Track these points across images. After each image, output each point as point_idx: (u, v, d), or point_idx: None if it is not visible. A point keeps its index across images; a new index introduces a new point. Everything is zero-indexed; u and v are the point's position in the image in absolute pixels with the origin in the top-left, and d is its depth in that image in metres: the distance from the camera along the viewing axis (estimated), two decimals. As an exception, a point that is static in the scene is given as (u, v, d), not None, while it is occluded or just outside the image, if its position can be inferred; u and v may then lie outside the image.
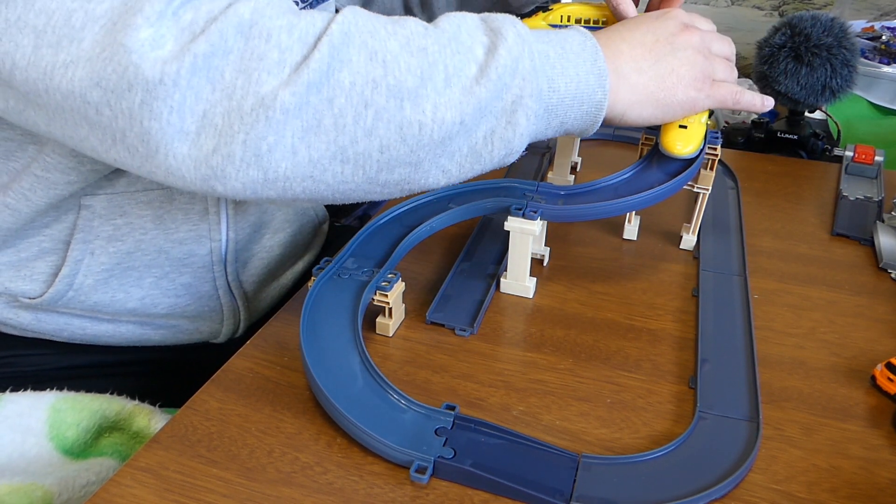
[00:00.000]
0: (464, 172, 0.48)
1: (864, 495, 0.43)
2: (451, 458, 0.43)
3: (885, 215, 0.73)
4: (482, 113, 0.45)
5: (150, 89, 0.38)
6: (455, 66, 0.44)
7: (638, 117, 0.53)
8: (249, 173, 0.41)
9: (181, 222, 0.62)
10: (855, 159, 0.83)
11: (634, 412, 0.49)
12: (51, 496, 0.50)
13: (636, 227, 0.69)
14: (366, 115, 0.42)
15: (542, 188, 0.61)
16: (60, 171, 0.53)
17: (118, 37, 0.37)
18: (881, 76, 1.41)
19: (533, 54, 0.47)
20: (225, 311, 0.69)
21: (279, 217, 0.72)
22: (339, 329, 0.51)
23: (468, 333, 0.56)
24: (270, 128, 0.40)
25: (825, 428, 0.48)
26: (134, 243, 0.60)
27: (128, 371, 0.69)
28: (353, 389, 0.47)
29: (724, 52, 0.59)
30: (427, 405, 0.46)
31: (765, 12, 2.24)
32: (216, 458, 0.44)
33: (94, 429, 0.54)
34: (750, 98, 0.58)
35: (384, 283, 0.54)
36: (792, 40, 0.97)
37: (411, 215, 0.62)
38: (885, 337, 0.57)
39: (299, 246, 0.77)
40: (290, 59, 0.40)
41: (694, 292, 0.61)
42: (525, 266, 0.59)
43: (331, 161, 0.42)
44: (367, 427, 0.44)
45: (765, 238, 0.70)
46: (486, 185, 0.63)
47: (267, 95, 0.39)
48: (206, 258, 0.65)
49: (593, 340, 0.56)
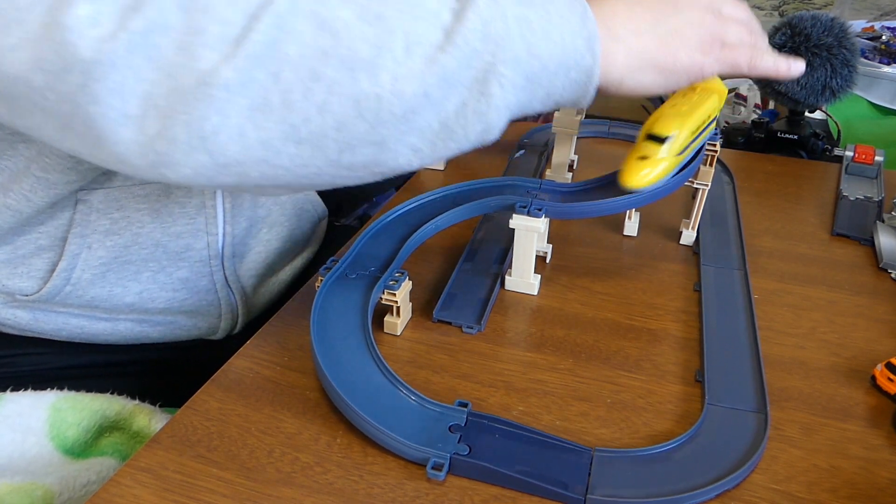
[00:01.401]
0: (437, 151, 0.43)
1: (864, 495, 0.43)
2: (466, 454, 0.43)
3: (885, 215, 0.73)
4: (449, 84, 0.40)
5: (87, 70, 0.35)
6: (417, 32, 0.40)
7: (638, 85, 0.49)
8: (197, 158, 0.38)
9: (178, 216, 0.62)
10: (855, 159, 0.83)
11: (634, 412, 0.49)
12: (51, 495, 0.50)
13: (636, 223, 0.70)
14: (316, 90, 0.38)
15: (545, 185, 0.61)
16: (59, 171, 0.53)
17: (57, 15, 0.35)
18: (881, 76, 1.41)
19: (507, 17, 0.42)
20: (223, 306, 0.69)
21: (276, 212, 0.72)
22: (349, 329, 0.51)
23: (475, 331, 0.56)
24: (213, 107, 0.37)
25: (825, 428, 0.48)
26: (131, 237, 0.60)
27: (127, 371, 0.69)
28: (367, 389, 0.47)
29: (738, 15, 0.53)
30: (440, 402, 0.46)
31: (765, 12, 2.24)
32: (216, 458, 0.44)
33: (95, 428, 0.54)
34: (772, 62, 0.53)
35: (392, 282, 0.54)
36: (792, 40, 0.97)
37: (415, 214, 0.62)
38: (885, 337, 0.57)
39: (298, 241, 0.77)
40: (231, 33, 0.36)
41: (696, 287, 0.61)
42: (530, 263, 0.59)
43: (283, 142, 0.39)
44: (383, 426, 0.44)
45: (765, 238, 0.70)
46: (490, 183, 0.63)
47: (207, 72, 0.36)
48: (203, 252, 0.65)
49: (593, 340, 0.56)
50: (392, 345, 0.55)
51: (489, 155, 0.87)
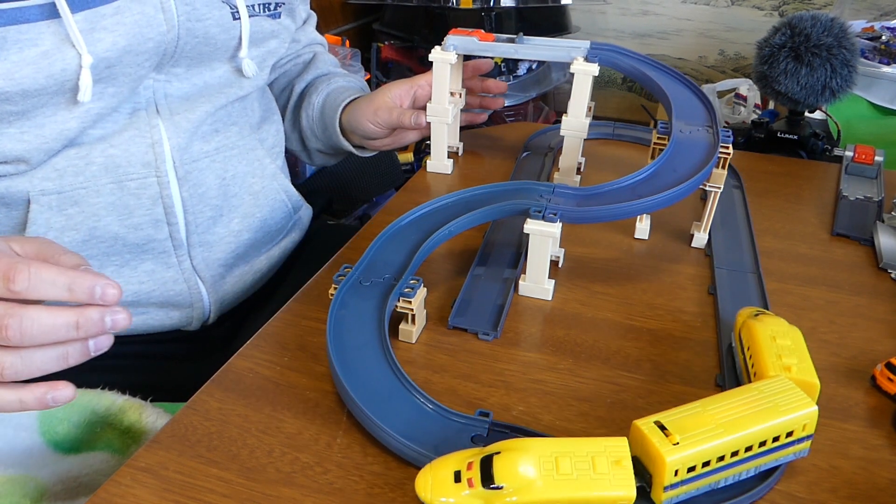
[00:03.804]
0: None
1: (864, 495, 0.43)
2: None
3: (885, 215, 0.73)
4: None
5: None
6: None
7: None
8: None
9: (134, 207, 0.63)
10: (855, 159, 0.83)
11: (635, 412, 0.49)
12: (44, 487, 0.50)
13: (647, 226, 0.70)
14: None
15: (558, 190, 0.60)
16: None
17: None
18: (881, 76, 1.41)
19: None
20: (192, 296, 0.70)
21: (248, 202, 0.72)
22: (365, 338, 0.50)
23: (491, 337, 0.55)
24: None
25: (825, 428, 0.48)
26: (88, 231, 0.61)
27: (113, 365, 0.69)
28: (385, 399, 0.46)
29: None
30: (461, 413, 0.46)
31: (765, 12, 2.24)
32: (216, 458, 0.44)
33: (85, 424, 0.54)
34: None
35: (407, 290, 0.53)
36: (792, 40, 0.97)
37: (428, 219, 0.61)
38: (885, 337, 0.57)
39: (271, 232, 0.78)
40: None
41: (710, 290, 0.61)
42: (544, 268, 0.59)
43: None
44: (406, 439, 0.43)
45: (765, 238, 0.70)
46: (503, 188, 0.62)
47: None
48: (166, 243, 0.66)
49: (593, 340, 0.56)
50: (391, 346, 0.55)
51: (497, 157, 0.87)
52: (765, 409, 0.40)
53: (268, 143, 0.77)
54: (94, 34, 0.56)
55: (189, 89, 0.65)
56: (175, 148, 0.64)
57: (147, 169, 0.63)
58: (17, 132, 0.57)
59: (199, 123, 0.66)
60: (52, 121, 0.57)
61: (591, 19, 2.42)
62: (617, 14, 2.41)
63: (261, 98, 0.77)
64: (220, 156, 0.69)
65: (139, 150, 0.62)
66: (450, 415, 0.46)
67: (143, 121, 0.63)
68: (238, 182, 0.71)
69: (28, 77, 0.54)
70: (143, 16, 0.58)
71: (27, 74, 0.54)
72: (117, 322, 0.44)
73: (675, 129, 0.65)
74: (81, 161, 0.60)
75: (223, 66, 0.68)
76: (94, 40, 0.56)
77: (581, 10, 2.38)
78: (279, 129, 0.81)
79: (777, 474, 0.43)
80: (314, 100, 0.85)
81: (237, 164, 0.71)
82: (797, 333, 0.48)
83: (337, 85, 0.86)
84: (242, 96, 0.71)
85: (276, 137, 0.79)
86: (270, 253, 0.78)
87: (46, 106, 0.56)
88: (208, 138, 0.68)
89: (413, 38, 1.88)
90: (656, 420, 0.39)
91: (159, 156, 0.63)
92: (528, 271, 0.60)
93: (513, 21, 1.88)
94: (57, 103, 0.57)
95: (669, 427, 0.39)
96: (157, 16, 0.59)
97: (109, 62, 0.57)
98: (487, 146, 0.90)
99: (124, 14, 0.57)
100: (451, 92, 0.79)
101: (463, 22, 1.82)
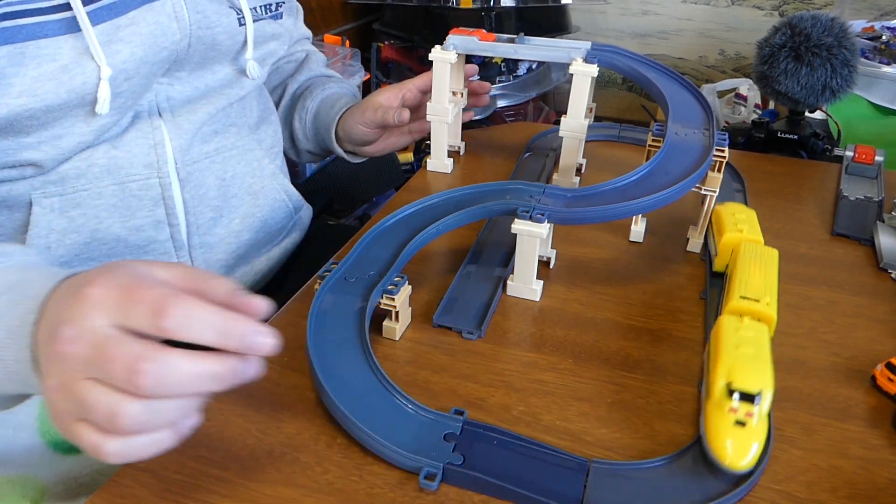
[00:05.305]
0: None
1: (864, 495, 0.43)
2: (460, 464, 0.42)
3: (886, 215, 0.72)
4: None
5: None
6: None
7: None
8: None
9: (136, 209, 0.63)
10: (855, 159, 0.83)
11: (635, 412, 0.49)
12: (44, 487, 0.50)
13: (643, 229, 0.69)
14: None
15: (548, 190, 0.60)
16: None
17: None
18: (881, 76, 1.41)
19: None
20: None
21: (248, 202, 0.73)
22: (346, 333, 0.51)
23: (475, 336, 0.55)
24: None
25: (825, 428, 0.48)
26: (90, 233, 0.61)
27: None
28: (361, 395, 0.46)
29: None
30: (436, 410, 0.46)
31: (765, 12, 2.24)
32: (216, 458, 0.44)
33: None
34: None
35: (391, 287, 0.54)
36: (792, 40, 0.97)
37: (417, 218, 0.61)
38: (885, 337, 0.57)
39: (272, 232, 0.78)
40: None
41: (702, 295, 0.61)
42: (532, 269, 0.59)
43: None
44: (376, 433, 0.43)
45: (765, 238, 0.70)
46: (493, 188, 0.62)
47: None
48: (168, 244, 0.66)
49: (593, 340, 0.56)
50: (392, 345, 0.55)
51: (498, 157, 0.87)
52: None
53: (266, 143, 0.77)
54: (112, 46, 0.56)
55: (191, 92, 0.66)
56: (177, 149, 0.64)
57: (149, 170, 0.63)
58: (35, 141, 0.56)
59: (200, 125, 0.66)
60: (71, 132, 0.57)
61: (592, 19, 2.42)
62: (617, 14, 2.41)
63: (258, 99, 0.77)
64: (220, 157, 0.69)
65: (141, 151, 0.62)
66: (423, 411, 0.46)
67: (145, 122, 0.63)
68: (237, 182, 0.71)
69: (50, 92, 0.54)
70: (158, 25, 0.59)
71: (49, 89, 0.53)
72: (253, 372, 0.37)
73: (671, 131, 0.65)
74: (84, 163, 0.60)
75: (224, 68, 0.68)
76: (112, 52, 0.56)
77: (581, 10, 2.38)
78: (277, 130, 0.81)
79: (758, 472, 0.43)
80: (308, 104, 0.86)
81: (236, 165, 0.71)
82: (751, 213, 0.60)
83: (331, 91, 0.87)
84: (242, 97, 0.71)
85: (274, 138, 0.80)
86: (271, 253, 0.78)
87: (65, 118, 0.57)
88: (208, 139, 0.68)
89: (413, 38, 1.88)
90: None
91: (161, 157, 0.63)
92: (515, 271, 0.60)
93: (513, 21, 1.88)
94: (76, 115, 0.57)
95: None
96: (171, 25, 0.59)
97: (127, 73, 0.57)
98: (488, 146, 0.90)
99: (139, 24, 0.57)
100: (453, 91, 0.79)
101: (463, 22, 1.82)
